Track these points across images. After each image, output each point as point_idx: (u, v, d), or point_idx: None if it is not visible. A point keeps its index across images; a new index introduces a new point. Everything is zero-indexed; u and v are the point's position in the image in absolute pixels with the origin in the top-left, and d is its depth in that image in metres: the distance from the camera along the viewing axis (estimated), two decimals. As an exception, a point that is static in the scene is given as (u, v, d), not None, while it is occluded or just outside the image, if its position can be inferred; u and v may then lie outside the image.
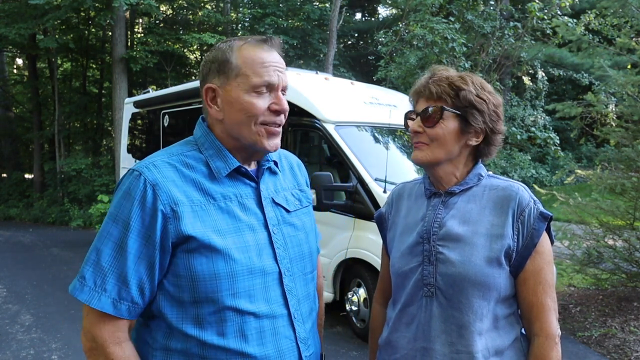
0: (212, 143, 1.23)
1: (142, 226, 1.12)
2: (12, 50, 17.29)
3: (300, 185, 1.42)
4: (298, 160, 1.51)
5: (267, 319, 1.18)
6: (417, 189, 1.44)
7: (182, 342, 1.15)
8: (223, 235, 1.15)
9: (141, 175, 1.14)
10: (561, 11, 9.65)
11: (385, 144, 5.07)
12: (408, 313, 1.31)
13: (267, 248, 1.21)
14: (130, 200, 1.13)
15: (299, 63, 14.46)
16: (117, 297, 1.12)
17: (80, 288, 1.12)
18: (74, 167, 13.79)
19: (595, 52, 5.66)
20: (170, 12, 17.63)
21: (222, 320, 1.14)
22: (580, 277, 5.39)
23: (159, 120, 7.59)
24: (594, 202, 5.04)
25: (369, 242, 4.27)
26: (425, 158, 1.32)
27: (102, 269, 1.12)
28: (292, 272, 1.25)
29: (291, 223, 1.30)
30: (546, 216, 1.25)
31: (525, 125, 11.71)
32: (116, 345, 1.13)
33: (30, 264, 7.80)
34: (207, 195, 1.18)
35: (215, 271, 1.12)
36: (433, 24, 9.50)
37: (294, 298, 1.24)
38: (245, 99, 1.18)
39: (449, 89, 1.29)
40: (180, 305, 1.15)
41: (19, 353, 4.24)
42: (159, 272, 1.14)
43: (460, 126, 1.29)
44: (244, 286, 1.15)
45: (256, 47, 1.20)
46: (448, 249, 1.26)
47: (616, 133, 5.04)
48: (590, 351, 4.13)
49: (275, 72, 1.19)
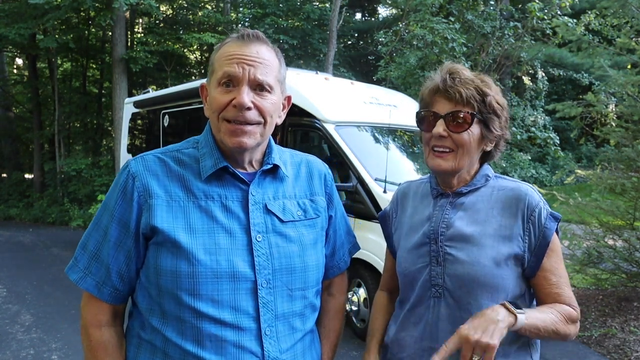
0: (208, 141, 1.23)
1: (122, 215, 1.15)
2: (12, 50, 17.28)
3: (313, 195, 1.32)
4: (324, 168, 1.39)
5: (231, 329, 1.11)
6: (423, 188, 1.42)
7: (150, 333, 1.16)
8: (193, 234, 1.13)
9: (127, 166, 1.19)
10: (561, 11, 9.65)
11: (385, 144, 5.07)
12: (416, 313, 1.30)
13: (244, 254, 1.15)
14: (116, 189, 1.18)
15: (299, 63, 14.46)
16: (101, 280, 1.17)
17: (73, 268, 1.20)
18: (74, 167, 13.78)
19: (595, 52, 5.66)
20: (170, 12, 17.63)
21: (182, 319, 1.12)
22: (580, 277, 5.38)
23: (159, 120, 7.59)
24: (594, 202, 5.04)
25: (369, 242, 4.27)
26: (450, 167, 1.27)
27: (90, 252, 1.18)
28: (273, 284, 1.17)
29: (283, 233, 1.21)
30: (556, 217, 1.25)
31: (525, 125, 11.70)
32: (96, 327, 1.18)
33: (30, 264, 7.79)
34: (188, 193, 1.17)
35: (177, 269, 1.11)
36: (433, 24, 9.50)
37: (269, 313, 1.15)
38: (212, 94, 1.18)
39: (477, 94, 1.24)
40: (150, 297, 1.16)
41: (19, 353, 4.24)
42: (135, 261, 1.17)
43: (483, 132, 1.27)
44: (207, 289, 1.10)
45: (232, 43, 1.18)
46: (456, 250, 1.25)
47: (616, 133, 5.03)
48: (590, 351, 4.13)
49: (239, 64, 1.14)
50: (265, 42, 1.21)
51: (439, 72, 1.31)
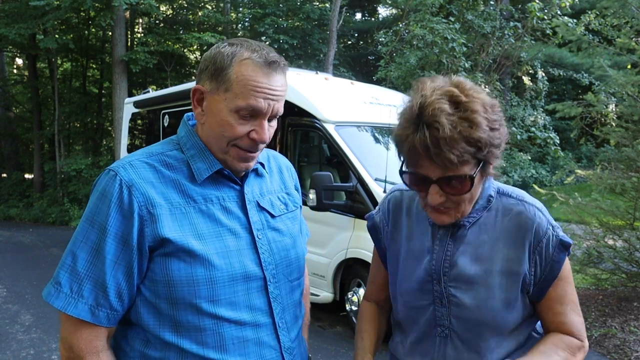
0: (196, 143, 1.18)
1: (118, 229, 1.06)
2: (12, 50, 17.29)
3: (287, 188, 1.35)
4: (287, 162, 1.43)
5: (250, 327, 1.13)
6: (418, 204, 1.26)
7: (160, 350, 1.10)
8: (203, 240, 1.10)
9: (117, 175, 1.09)
10: (561, 11, 9.65)
11: (385, 144, 5.07)
12: (422, 346, 1.23)
13: (250, 253, 1.15)
14: (106, 202, 1.07)
15: (299, 63, 14.45)
16: (95, 303, 1.06)
17: (56, 294, 1.07)
18: (74, 167, 13.79)
19: (595, 52, 5.66)
20: (170, 12, 17.63)
21: (202, 328, 1.09)
22: (580, 277, 5.38)
23: (159, 120, 7.59)
24: (594, 202, 5.04)
25: (369, 242, 4.22)
26: (454, 219, 1.15)
27: (78, 274, 1.06)
28: (278, 278, 1.19)
29: (276, 228, 1.23)
30: (567, 245, 1.13)
31: (525, 125, 11.71)
32: (93, 355, 1.07)
33: (30, 264, 7.79)
34: (187, 197, 1.12)
35: (193, 277, 1.07)
36: (433, 24, 9.50)
37: (279, 306, 1.18)
38: (226, 118, 1.10)
39: (469, 145, 1.02)
40: (158, 312, 1.09)
41: (19, 353, 4.24)
42: (137, 277, 1.09)
43: (483, 170, 1.10)
44: (225, 293, 1.10)
45: (257, 67, 1.10)
46: (462, 292, 1.15)
47: (616, 133, 5.03)
48: (591, 351, 4.13)
49: (266, 99, 1.09)
50: (284, 67, 1.15)
51: (409, 113, 1.06)
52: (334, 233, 4.55)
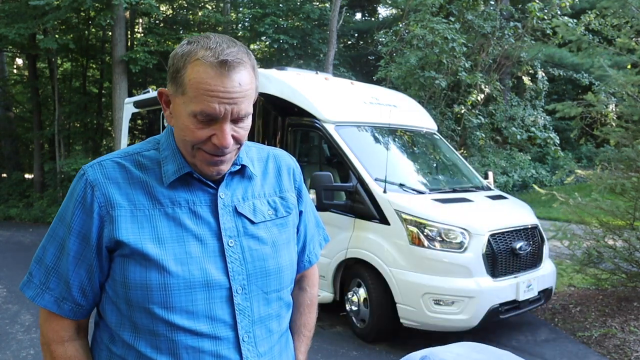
0: (170, 145, 1.14)
1: (81, 228, 1.07)
2: (12, 50, 17.28)
3: (282, 191, 1.26)
4: (291, 162, 1.33)
5: (208, 339, 1.07)
6: None
7: (121, 348, 1.11)
8: (162, 244, 1.06)
9: (84, 174, 1.10)
10: (561, 11, 9.66)
11: (385, 144, 5.07)
12: None
13: (217, 261, 1.09)
14: (72, 200, 1.09)
15: (299, 63, 14.46)
16: (60, 296, 1.10)
17: (28, 284, 1.12)
18: (74, 167, 13.77)
19: (595, 52, 5.66)
20: (170, 12, 17.63)
21: (155, 333, 1.06)
22: (580, 277, 5.38)
23: (159, 120, 7.59)
24: (594, 202, 5.04)
25: (369, 242, 4.27)
26: None
27: (46, 267, 1.10)
28: (249, 289, 1.12)
29: (255, 235, 1.15)
30: None
31: (525, 125, 11.71)
32: (59, 344, 1.12)
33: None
34: (153, 200, 1.09)
35: (147, 281, 1.05)
36: (433, 24, 9.51)
37: (246, 319, 1.11)
38: (185, 122, 1.05)
39: None
40: (119, 311, 1.10)
41: (19, 353, 4.24)
42: (98, 276, 1.09)
43: None
44: (180, 301, 1.06)
45: (208, 69, 1.01)
46: None
47: (616, 133, 5.04)
48: (590, 351, 4.13)
49: (221, 103, 1.01)
50: (244, 61, 1.05)
51: None
52: (334, 233, 4.55)
